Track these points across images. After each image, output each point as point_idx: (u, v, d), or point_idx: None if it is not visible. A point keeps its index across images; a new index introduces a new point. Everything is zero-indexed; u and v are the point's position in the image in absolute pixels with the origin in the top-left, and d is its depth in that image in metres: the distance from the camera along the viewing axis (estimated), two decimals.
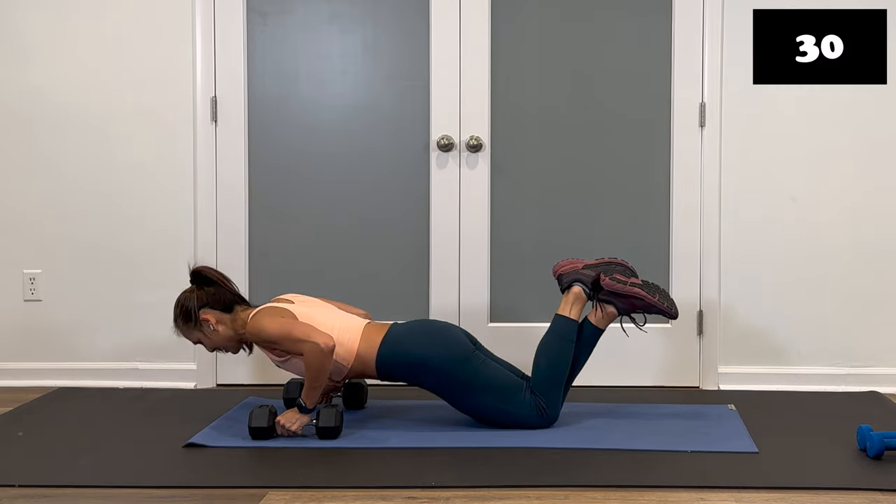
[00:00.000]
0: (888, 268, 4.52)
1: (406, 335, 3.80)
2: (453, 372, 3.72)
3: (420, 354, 3.74)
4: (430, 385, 3.79)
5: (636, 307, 3.82)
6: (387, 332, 3.80)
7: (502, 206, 4.57)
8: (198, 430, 3.71)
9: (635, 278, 3.84)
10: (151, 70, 4.56)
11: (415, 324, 3.92)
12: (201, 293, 3.82)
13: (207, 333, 3.81)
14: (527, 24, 4.53)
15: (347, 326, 3.80)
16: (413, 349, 3.75)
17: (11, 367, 4.64)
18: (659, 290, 3.82)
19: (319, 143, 4.57)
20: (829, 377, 4.52)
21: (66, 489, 3.14)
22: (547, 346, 3.83)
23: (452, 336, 3.81)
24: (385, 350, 3.76)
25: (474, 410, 3.77)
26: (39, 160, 4.60)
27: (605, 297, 3.83)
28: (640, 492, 3.10)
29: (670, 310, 3.81)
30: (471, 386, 3.73)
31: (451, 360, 3.73)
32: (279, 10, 4.57)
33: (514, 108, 4.55)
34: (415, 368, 3.75)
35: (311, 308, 3.83)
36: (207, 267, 3.92)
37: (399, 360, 3.76)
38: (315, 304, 3.90)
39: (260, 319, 3.72)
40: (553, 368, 3.77)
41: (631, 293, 3.79)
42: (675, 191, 4.53)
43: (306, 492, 3.11)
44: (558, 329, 3.84)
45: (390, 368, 3.78)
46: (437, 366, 3.72)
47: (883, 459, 3.37)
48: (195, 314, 3.80)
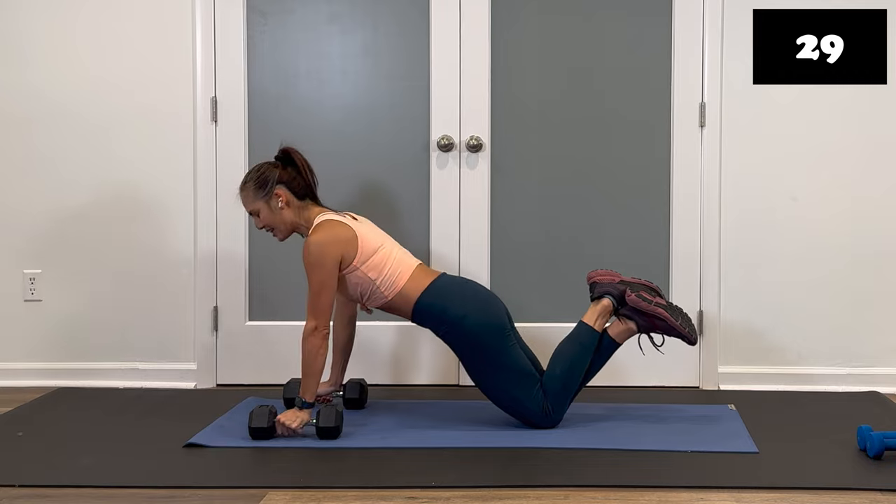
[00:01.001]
0: (888, 268, 4.52)
1: (452, 290, 3.80)
2: (484, 342, 3.72)
3: (459, 314, 3.73)
4: (456, 345, 3.78)
5: (657, 327, 3.83)
6: (435, 280, 3.80)
7: (502, 206, 4.57)
8: (198, 430, 3.71)
9: (661, 299, 3.85)
10: (151, 70, 4.56)
11: (464, 282, 3.93)
12: (283, 172, 3.84)
13: (273, 208, 3.82)
14: (527, 24, 4.53)
15: (400, 259, 3.81)
16: (454, 306, 3.74)
17: (11, 367, 4.64)
18: (682, 314, 3.84)
19: (319, 143, 4.57)
20: (829, 377, 4.52)
21: (66, 489, 3.14)
22: (566, 351, 3.84)
23: (495, 307, 3.81)
24: (427, 297, 3.76)
25: (487, 384, 3.77)
26: (39, 160, 4.60)
27: (628, 313, 3.84)
28: (640, 492, 3.10)
29: (690, 336, 3.83)
30: (494, 362, 3.73)
31: (486, 329, 3.73)
32: (279, 9, 4.57)
33: (514, 108, 4.55)
34: (448, 325, 3.75)
35: (372, 230, 3.85)
36: (296, 150, 3.90)
37: (437, 311, 3.76)
38: (377, 231, 3.90)
39: (319, 231, 3.74)
40: (567, 375, 3.79)
41: (654, 313, 3.80)
42: (675, 191, 4.53)
43: (306, 492, 3.11)
44: (580, 337, 3.85)
45: (426, 316, 3.78)
46: (471, 330, 3.72)
47: (883, 459, 3.37)
48: (272, 185, 3.81)
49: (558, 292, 4.54)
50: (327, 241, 3.72)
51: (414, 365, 4.59)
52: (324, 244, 3.71)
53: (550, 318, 4.48)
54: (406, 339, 4.56)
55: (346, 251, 3.73)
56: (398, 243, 3.93)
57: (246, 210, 3.92)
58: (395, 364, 4.59)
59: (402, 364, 4.59)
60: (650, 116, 4.54)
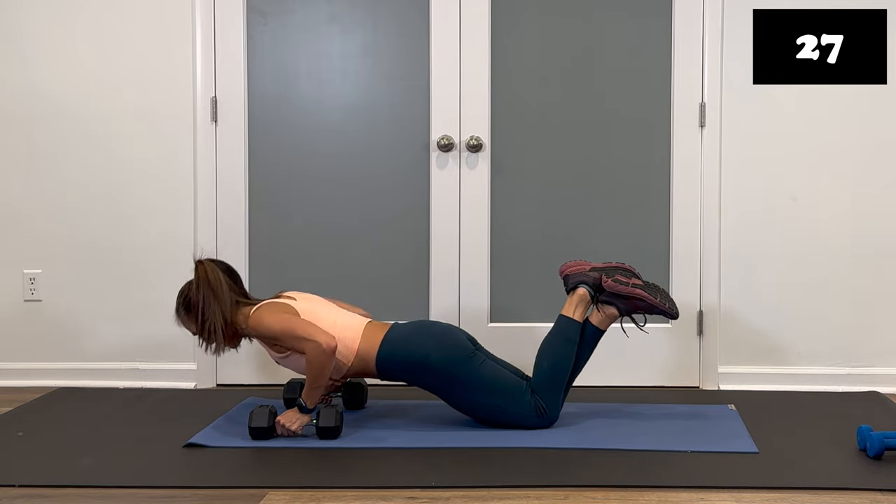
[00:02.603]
0: (888, 268, 4.52)
1: (407, 335, 3.80)
2: (454, 372, 3.72)
3: (421, 354, 3.73)
4: (430, 385, 3.79)
5: (638, 308, 3.82)
6: (388, 332, 3.80)
7: (502, 206, 4.57)
8: (198, 430, 3.71)
9: (637, 279, 3.84)
10: (152, 70, 4.56)
11: (416, 324, 3.92)
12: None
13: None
14: (527, 24, 4.53)
15: (349, 325, 3.80)
16: (414, 349, 3.75)
17: (11, 367, 4.64)
18: (660, 290, 3.83)
19: (319, 143, 4.57)
20: (829, 377, 4.52)
21: (66, 489, 3.15)
22: (549, 346, 3.83)
23: (453, 337, 3.81)
24: (386, 349, 3.76)
25: (474, 411, 3.77)
26: (39, 159, 4.60)
27: (607, 299, 3.83)
28: (640, 492, 3.10)
29: (671, 310, 3.82)
30: (471, 386, 3.73)
31: (451, 360, 3.73)
32: (279, 10, 4.57)
33: (514, 108, 4.55)
34: (415, 368, 3.75)
35: (313, 305, 3.83)
36: (203, 262, 3.87)
37: (399, 359, 3.76)
38: (317, 301, 3.90)
39: (262, 315, 3.72)
40: (555, 369, 3.78)
41: (632, 294, 3.79)
42: (675, 191, 4.53)
43: (306, 492, 3.11)
44: (561, 330, 3.84)
45: (390, 368, 3.78)
46: (438, 366, 3.72)
47: (883, 459, 3.37)
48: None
49: (558, 292, 4.51)
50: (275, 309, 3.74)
51: None
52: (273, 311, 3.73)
53: (550, 317, 4.45)
54: None
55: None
56: (338, 306, 3.92)
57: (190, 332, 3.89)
58: None
59: None
60: (650, 116, 4.54)
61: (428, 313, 4.56)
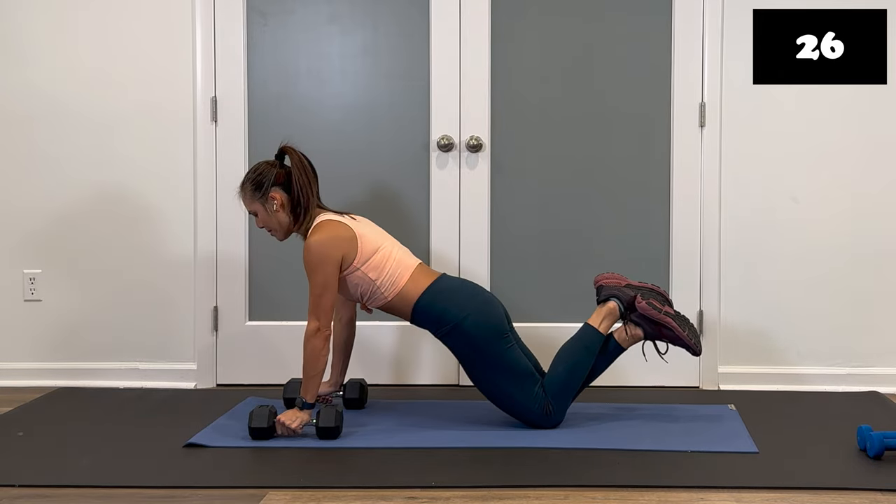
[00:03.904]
0: (888, 267, 4.52)
1: (452, 291, 3.79)
2: (482, 344, 3.72)
3: (458, 316, 3.72)
4: (455, 347, 3.78)
5: (664, 335, 3.83)
6: (435, 281, 3.80)
7: (502, 206, 4.57)
8: (198, 430, 3.71)
9: (669, 308, 3.86)
10: (151, 70, 4.56)
11: (463, 283, 3.92)
12: (281, 172, 3.82)
13: (268, 209, 3.80)
14: (527, 23, 4.53)
15: (401, 260, 3.80)
16: (453, 308, 3.74)
17: (11, 367, 4.64)
18: (689, 324, 3.84)
19: (319, 143, 4.56)
20: (829, 377, 4.52)
21: (66, 489, 3.14)
22: (569, 352, 3.84)
23: (494, 309, 3.80)
24: (427, 298, 3.75)
25: (486, 386, 3.77)
26: (39, 160, 4.60)
27: (636, 319, 3.85)
28: (640, 492, 3.10)
29: (696, 347, 3.83)
30: (493, 363, 3.72)
31: (484, 332, 3.72)
32: (279, 10, 4.57)
33: (514, 108, 4.55)
34: (448, 326, 3.74)
35: (372, 230, 3.83)
36: (293, 150, 3.86)
37: (437, 312, 3.75)
38: (376, 229, 3.89)
39: (319, 232, 3.72)
40: (570, 375, 3.79)
41: (663, 322, 3.80)
42: (675, 190, 4.53)
43: (306, 492, 3.11)
44: (585, 338, 3.84)
45: (425, 317, 3.77)
46: (469, 332, 3.71)
47: (883, 459, 3.37)
48: (267, 187, 3.79)
49: (559, 292, 4.54)
50: (327, 242, 3.71)
51: (414, 365, 4.59)
52: (324, 245, 3.70)
53: (551, 318, 4.48)
54: (406, 339, 4.56)
55: (347, 251, 3.73)
56: (398, 242, 3.92)
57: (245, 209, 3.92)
58: (395, 364, 4.59)
59: (402, 364, 4.59)
60: (650, 116, 4.53)
61: None
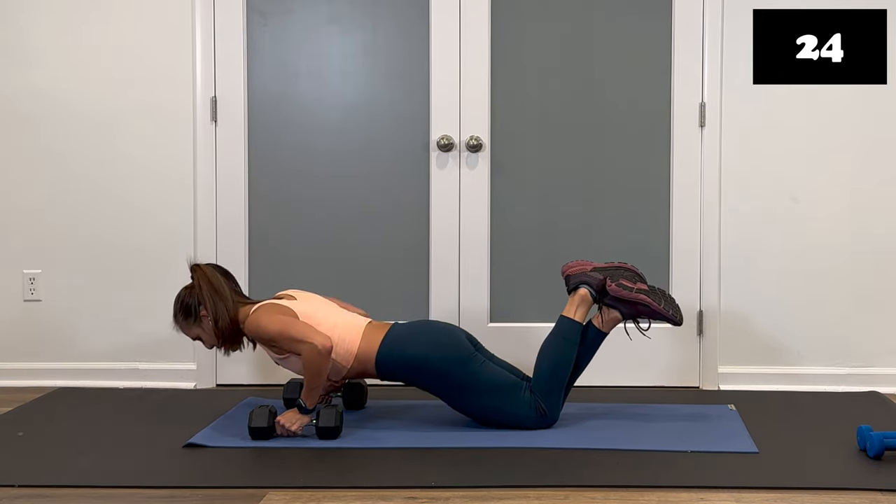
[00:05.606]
0: (889, 267, 4.52)
1: (407, 335, 3.79)
2: (453, 373, 3.72)
3: (420, 355, 3.73)
4: (429, 386, 3.78)
5: (641, 313, 3.81)
6: (387, 332, 3.80)
7: (502, 206, 4.57)
8: (198, 430, 3.71)
9: (642, 284, 3.83)
10: (152, 70, 4.56)
11: (416, 324, 3.92)
12: (199, 290, 3.80)
13: (206, 329, 3.80)
14: (527, 23, 4.53)
15: (348, 325, 3.79)
16: (413, 349, 3.74)
17: (11, 367, 4.64)
18: (665, 296, 3.82)
19: (319, 142, 4.57)
20: (829, 377, 4.52)
21: (66, 489, 3.14)
22: (550, 347, 3.83)
23: (453, 337, 3.81)
24: (385, 350, 3.75)
25: (474, 411, 3.77)
26: (40, 159, 4.60)
27: (611, 302, 3.83)
28: (640, 492, 3.10)
29: (675, 317, 3.81)
30: (471, 387, 3.72)
31: (451, 360, 3.72)
32: (279, 9, 4.57)
33: (514, 107, 4.55)
34: (415, 369, 3.75)
35: (312, 306, 3.83)
36: (200, 266, 3.87)
37: (399, 360, 3.75)
38: (317, 301, 3.89)
39: (259, 317, 3.72)
40: (555, 370, 3.77)
41: (636, 299, 3.78)
42: (675, 190, 4.53)
43: (306, 492, 3.11)
44: (562, 330, 3.83)
45: (390, 368, 3.78)
46: (438, 366, 3.72)
47: (883, 459, 3.37)
48: (195, 310, 3.79)
49: (559, 292, 4.51)
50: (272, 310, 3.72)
51: None
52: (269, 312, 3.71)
53: (551, 318, 4.45)
54: None
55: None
56: (340, 304, 3.92)
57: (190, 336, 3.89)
58: None
59: None
60: (650, 116, 4.53)
61: (427, 313, 4.56)
